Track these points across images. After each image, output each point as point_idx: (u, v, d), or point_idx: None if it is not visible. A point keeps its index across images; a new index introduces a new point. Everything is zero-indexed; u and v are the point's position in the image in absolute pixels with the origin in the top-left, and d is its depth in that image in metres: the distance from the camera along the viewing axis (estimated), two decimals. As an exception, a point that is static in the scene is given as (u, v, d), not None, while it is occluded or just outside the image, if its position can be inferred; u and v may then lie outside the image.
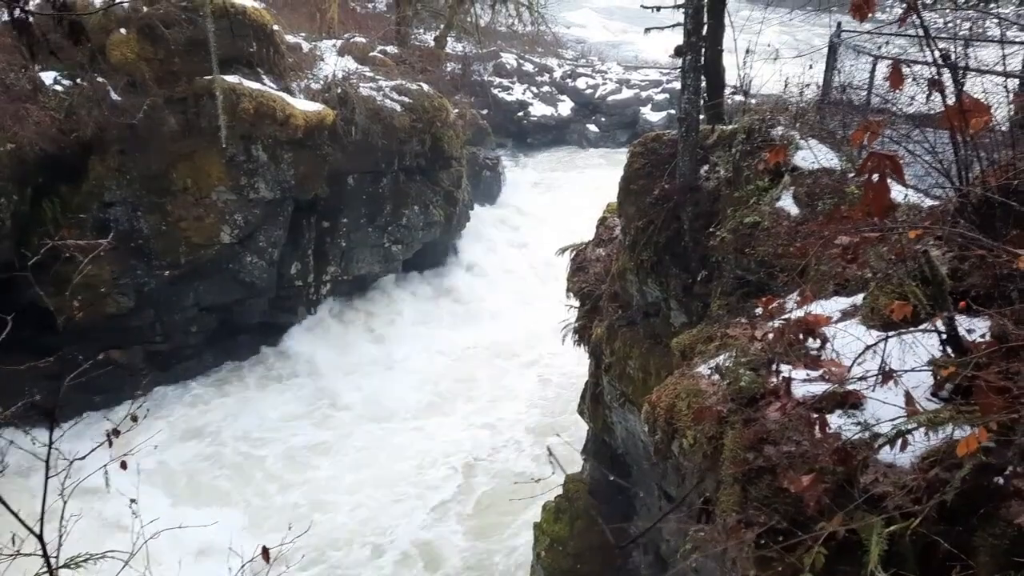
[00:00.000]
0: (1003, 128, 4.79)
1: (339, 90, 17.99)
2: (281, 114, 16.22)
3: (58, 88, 14.40)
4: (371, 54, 21.10)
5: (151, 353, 16.29)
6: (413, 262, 21.14)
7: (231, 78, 15.86)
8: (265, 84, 16.67)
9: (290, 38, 19.06)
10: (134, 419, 3.06)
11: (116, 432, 2.99)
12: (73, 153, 14.62)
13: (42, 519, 2.79)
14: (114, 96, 14.88)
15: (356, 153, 18.14)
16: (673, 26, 9.77)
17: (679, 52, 9.54)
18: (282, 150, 16.52)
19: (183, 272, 15.98)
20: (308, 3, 22.34)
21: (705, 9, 9.71)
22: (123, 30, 14.94)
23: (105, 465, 3.01)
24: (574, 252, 13.55)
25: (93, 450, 2.86)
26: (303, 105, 16.88)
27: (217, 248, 16.13)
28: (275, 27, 17.43)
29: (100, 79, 14.80)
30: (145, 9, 15.07)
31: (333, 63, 19.14)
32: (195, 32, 15.23)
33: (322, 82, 18.31)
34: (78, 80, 14.59)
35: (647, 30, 10.14)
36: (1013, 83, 6.03)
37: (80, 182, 14.88)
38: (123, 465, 3.11)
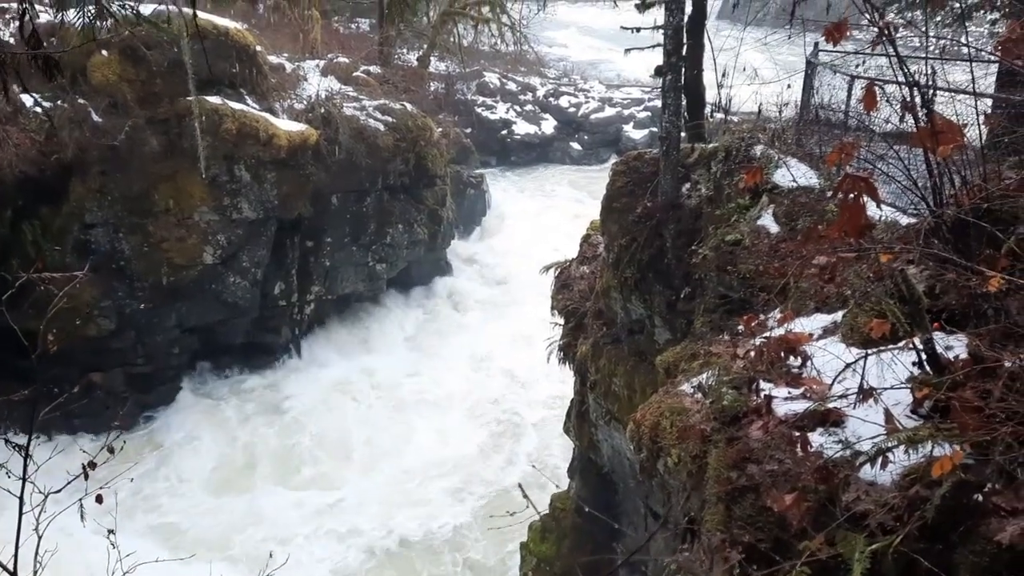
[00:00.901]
0: (977, 145, 4.87)
1: (322, 110, 18.02)
2: (264, 134, 16.22)
3: (39, 110, 14.33)
4: (354, 74, 21.17)
5: (132, 376, 16.13)
6: (398, 280, 21.13)
7: (214, 99, 15.86)
8: (248, 105, 16.67)
9: (273, 59, 19.10)
10: (111, 451, 3.02)
11: (92, 464, 2.95)
12: (54, 175, 14.54)
13: (16, 556, 2.74)
14: (95, 117, 14.84)
15: (340, 172, 18.14)
16: (653, 46, 9.87)
17: (659, 72, 9.63)
18: (265, 170, 16.51)
19: (165, 293, 15.88)
20: (291, 24, 22.41)
21: (684, 30, 9.82)
22: (104, 52, 14.92)
23: (80, 499, 2.97)
24: (558, 270, 13.59)
25: (69, 482, 2.82)
26: (286, 125, 16.89)
27: (200, 269, 16.05)
28: (258, 48, 17.47)
29: (81, 100, 14.77)
30: (127, 32, 15.04)
31: (316, 83, 19.19)
32: (177, 53, 15.24)
33: (305, 102, 18.33)
34: (59, 101, 14.54)
35: (627, 51, 10.24)
36: (988, 103, 6.14)
37: (61, 204, 14.79)
38: (99, 499, 3.07)
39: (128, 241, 15.35)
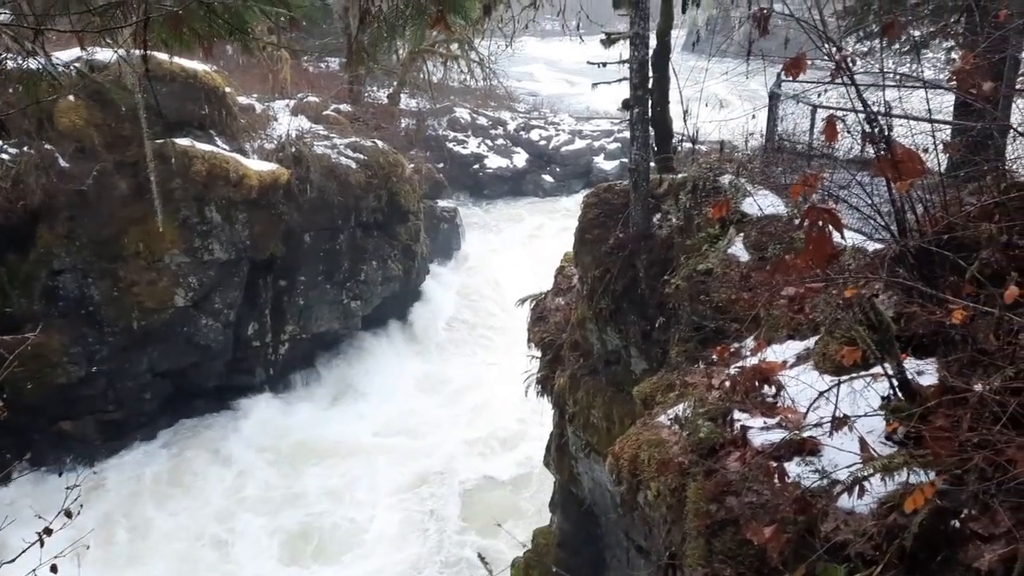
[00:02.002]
0: (939, 171, 4.95)
1: (293, 149, 18.01)
2: (234, 175, 16.16)
3: (4, 156, 14.18)
4: (325, 113, 21.22)
5: (104, 423, 15.82)
6: (373, 316, 21.02)
7: (183, 141, 15.81)
8: (218, 146, 16.63)
9: (242, 99, 19.11)
10: (68, 515, 2.93)
11: (48, 531, 2.85)
12: (20, 221, 14.36)
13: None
14: (62, 163, 14.71)
15: (312, 211, 18.09)
16: (620, 80, 10.00)
17: (626, 106, 9.76)
18: (236, 210, 16.42)
19: (136, 338, 15.65)
20: (260, 65, 22.46)
21: (649, 63, 9.97)
22: (71, 97, 14.84)
23: (34, 570, 2.86)
24: (534, 302, 13.60)
25: (24, 551, 2.72)
26: (257, 165, 16.85)
27: (171, 312, 15.86)
28: (227, 89, 17.48)
29: (48, 146, 14.64)
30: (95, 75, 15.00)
31: (286, 123, 19.20)
32: (146, 97, 15.19)
33: (276, 142, 18.32)
34: (25, 148, 14.40)
35: (595, 85, 10.38)
36: (948, 130, 6.27)
37: (28, 251, 14.59)
38: (53, 568, 2.96)
39: (97, 286, 15.14)
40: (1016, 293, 3.14)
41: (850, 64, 4.20)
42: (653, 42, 10.46)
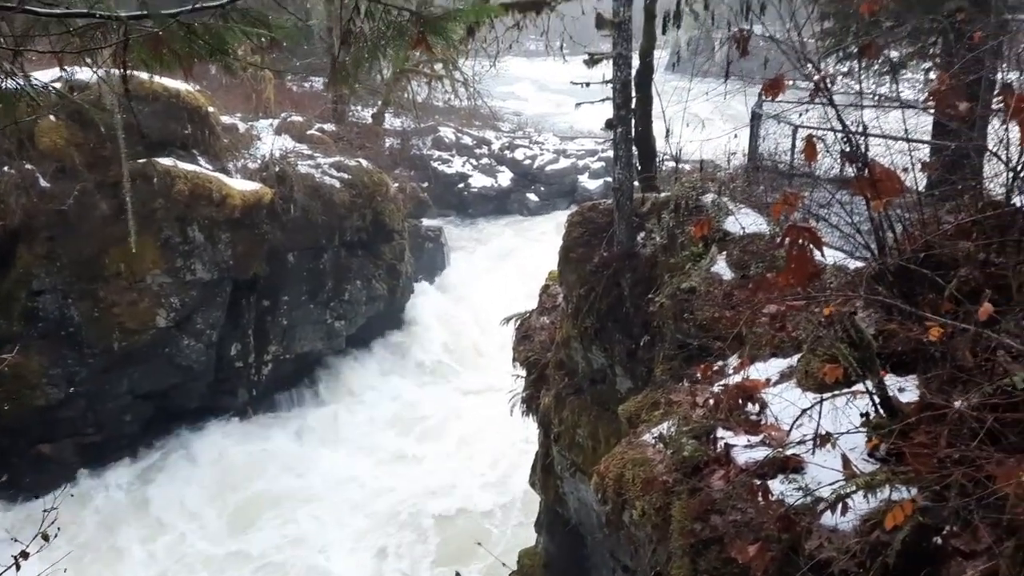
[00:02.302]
0: (917, 190, 5.01)
1: (277, 168, 17.98)
2: (217, 194, 16.10)
3: (-17, 177, 14.08)
4: (309, 132, 21.22)
5: (83, 446, 15.61)
6: (357, 336, 20.91)
7: (165, 161, 15.75)
8: (201, 165, 16.57)
9: (226, 119, 19.07)
10: (45, 538, 2.88)
11: (24, 555, 2.80)
12: (0, 241, 14.22)
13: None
14: (43, 182, 14.60)
15: (296, 230, 18.04)
16: (603, 100, 10.07)
17: (610, 125, 9.82)
18: (219, 230, 16.34)
19: (117, 359, 15.48)
20: (244, 84, 22.46)
21: (632, 83, 10.05)
22: (52, 116, 14.76)
23: (7, 599, 2.81)
24: (519, 321, 13.59)
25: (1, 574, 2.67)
26: (240, 185, 16.80)
27: (152, 333, 15.71)
28: (210, 109, 17.45)
29: (28, 166, 14.54)
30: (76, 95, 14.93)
31: (270, 142, 19.18)
32: (128, 116, 15.14)
33: (259, 161, 18.28)
34: (5, 167, 14.30)
35: (578, 104, 10.44)
36: (926, 149, 6.35)
37: (7, 271, 14.44)
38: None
39: (78, 307, 14.99)
40: (990, 310, 3.18)
41: (828, 85, 4.25)
42: (636, 62, 10.54)
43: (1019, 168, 3.98)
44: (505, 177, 33.40)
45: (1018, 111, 2.65)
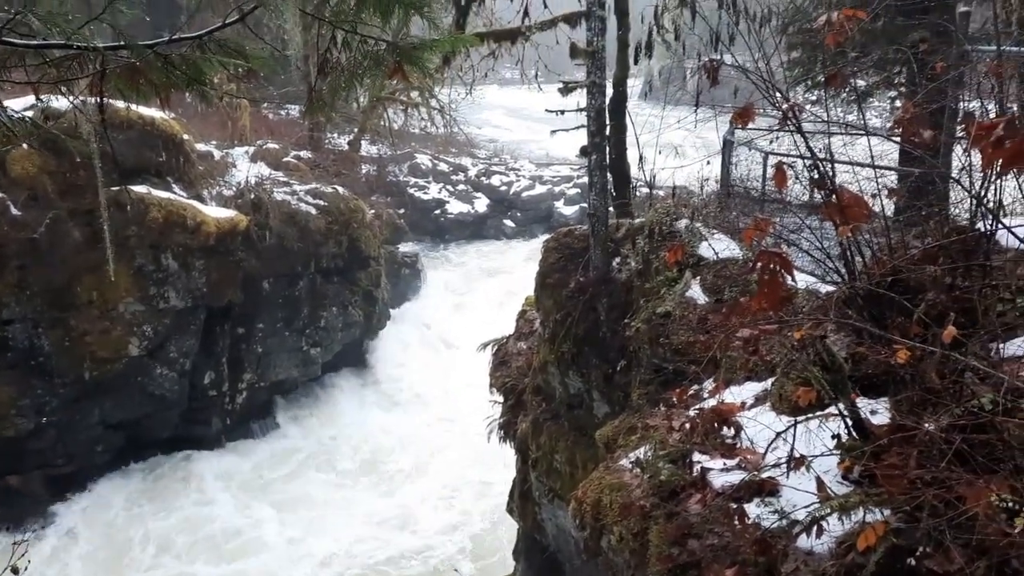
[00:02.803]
0: (886, 216, 5.12)
1: (252, 196, 17.94)
2: (192, 222, 16.02)
3: (-47, 204, 13.90)
4: (285, 159, 21.22)
5: (53, 477, 15.31)
6: (333, 363, 20.77)
7: (139, 188, 15.67)
8: (175, 193, 16.50)
9: (201, 146, 19.02)
10: (15, 572, 2.82)
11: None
12: (-32, 270, 14.02)
13: None
14: (14, 211, 14.43)
15: (271, 257, 17.97)
16: (578, 127, 10.19)
17: (584, 152, 9.94)
18: (193, 257, 16.24)
19: (88, 389, 15.26)
20: (219, 112, 22.44)
21: (606, 111, 10.19)
22: (25, 144, 14.64)
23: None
24: (495, 347, 13.59)
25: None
26: (215, 212, 16.74)
27: (124, 362, 15.52)
28: (185, 136, 17.41)
29: (0, 194, 14.37)
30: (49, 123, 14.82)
31: (246, 169, 19.14)
32: (102, 144, 15.05)
33: (235, 188, 18.24)
34: (-25, 196, 14.13)
35: (553, 132, 10.55)
36: (894, 176, 6.49)
37: (-25, 300, 14.21)
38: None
39: (48, 336, 14.77)
40: (954, 333, 3.25)
41: (797, 113, 4.35)
42: (609, 91, 10.70)
43: (982, 195, 4.09)
44: (482, 203, 33.56)
45: (979, 139, 2.73)
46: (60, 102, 9.79)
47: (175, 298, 16.07)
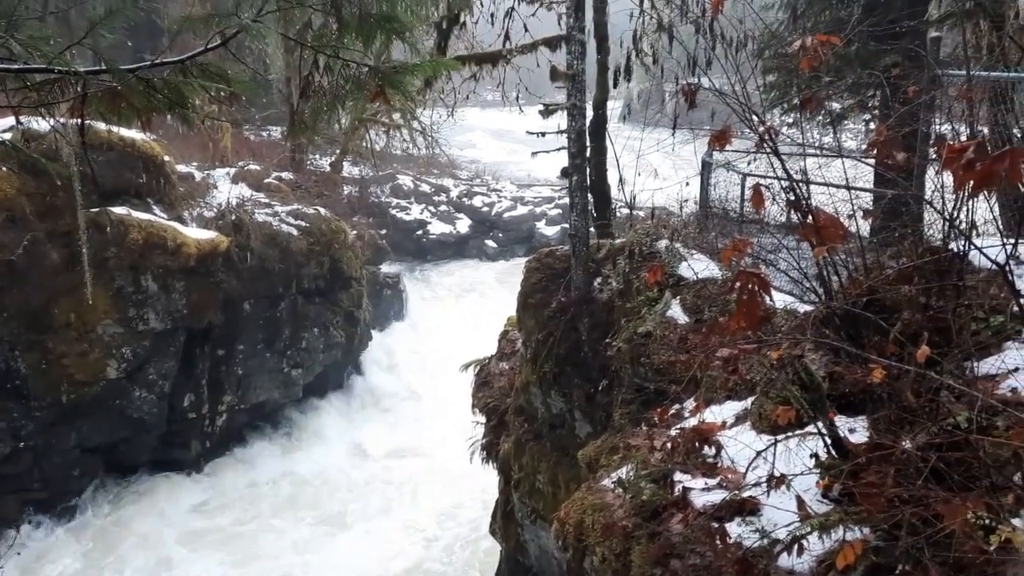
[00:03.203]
0: (861, 235, 5.20)
1: (233, 217, 17.87)
2: (172, 243, 15.93)
3: (-71, 226, 13.73)
4: (266, 180, 21.18)
5: (28, 502, 15.05)
6: (314, 385, 20.63)
7: (119, 210, 15.57)
8: (155, 214, 16.41)
9: (182, 168, 18.97)
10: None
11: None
12: (-57, 293, 13.84)
13: None
14: (-9, 232, 14.28)
15: (252, 279, 17.87)
16: (559, 149, 10.29)
17: (565, 174, 10.02)
18: (173, 279, 16.12)
19: (65, 412, 15.04)
20: (201, 133, 22.39)
21: (587, 133, 10.30)
22: (3, 167, 14.53)
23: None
24: (478, 367, 13.58)
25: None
26: (195, 233, 16.66)
27: (103, 384, 15.32)
28: (166, 158, 17.35)
29: (-24, 216, 14.23)
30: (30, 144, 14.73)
31: (227, 191, 19.09)
32: (82, 166, 14.97)
33: (215, 209, 18.17)
34: (-49, 217, 13.98)
35: (534, 154, 10.64)
36: (869, 197, 6.60)
37: (-50, 323, 14.02)
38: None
39: (25, 359, 14.56)
40: (927, 352, 3.30)
41: (773, 135, 4.43)
42: (590, 113, 10.81)
43: (954, 216, 4.17)
44: (463, 224, 33.64)
45: (950, 161, 2.79)
46: (40, 123, 9.73)
47: (155, 320, 15.93)
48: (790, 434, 4.36)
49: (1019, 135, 5.52)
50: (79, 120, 3.24)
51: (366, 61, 3.80)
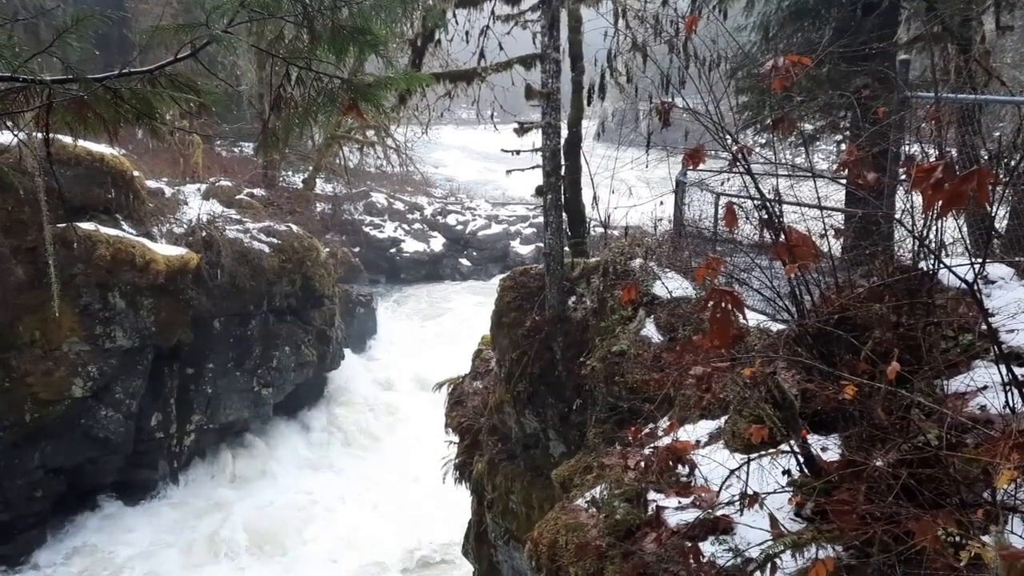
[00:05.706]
0: (833, 254, 5.24)
1: (204, 233, 17.67)
2: (141, 260, 15.69)
3: None
4: (238, 197, 20.97)
5: (-14, 525, 14.66)
6: (285, 404, 20.36)
7: (87, 225, 15.32)
8: (124, 230, 16.17)
9: (152, 183, 18.72)
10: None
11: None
12: (-98, 310, 13.50)
13: None
14: (-46, 247, 13.98)
15: (222, 296, 17.66)
16: (533, 167, 10.31)
17: (540, 192, 10.04)
18: (142, 296, 15.86)
19: (28, 432, 14.69)
20: (171, 148, 22.17)
21: (561, 152, 10.33)
22: (-33, 181, 14.24)
23: None
24: (451, 386, 13.49)
25: None
26: (165, 250, 16.43)
27: (67, 403, 15.00)
28: (135, 173, 17.12)
29: (-61, 230, 13.93)
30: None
31: (197, 207, 18.87)
32: (47, 180, 14.72)
33: (186, 226, 17.95)
34: (-87, 232, 13.67)
35: (509, 172, 10.66)
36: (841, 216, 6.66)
37: (-90, 340, 13.67)
38: None
39: (-14, 377, 14.24)
40: (896, 369, 3.32)
41: (746, 155, 4.46)
42: (564, 131, 10.86)
43: (924, 235, 4.22)
44: (437, 242, 33.63)
45: (919, 181, 2.82)
46: (5, 135, 9.55)
47: (122, 337, 15.65)
48: (763, 452, 4.35)
49: (986, 156, 5.62)
50: (44, 131, 3.17)
51: (339, 74, 3.77)
